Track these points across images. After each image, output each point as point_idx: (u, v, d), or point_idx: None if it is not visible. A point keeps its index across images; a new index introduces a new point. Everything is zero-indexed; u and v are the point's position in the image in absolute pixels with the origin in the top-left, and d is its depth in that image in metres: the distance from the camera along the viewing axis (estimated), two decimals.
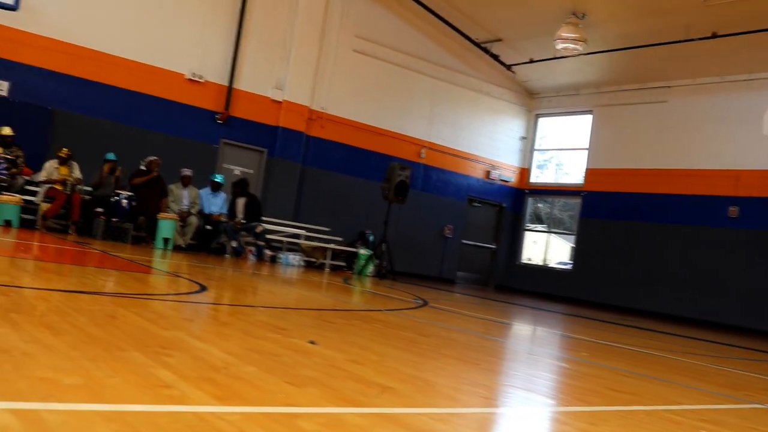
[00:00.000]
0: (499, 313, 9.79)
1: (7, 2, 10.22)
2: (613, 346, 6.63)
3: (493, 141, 20.50)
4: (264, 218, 14.59)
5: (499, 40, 18.79)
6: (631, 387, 3.79)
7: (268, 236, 14.37)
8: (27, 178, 12.96)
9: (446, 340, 4.97)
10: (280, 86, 16.44)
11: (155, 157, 13.44)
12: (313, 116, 16.98)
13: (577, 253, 19.75)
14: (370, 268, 14.66)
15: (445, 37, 18.89)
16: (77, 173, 12.84)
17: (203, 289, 5.63)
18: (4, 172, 12.17)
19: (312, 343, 3.45)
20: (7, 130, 12.63)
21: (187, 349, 2.76)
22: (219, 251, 14.06)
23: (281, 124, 16.45)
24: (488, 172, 20.41)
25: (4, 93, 13.68)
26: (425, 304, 8.33)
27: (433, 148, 19.12)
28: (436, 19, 18.15)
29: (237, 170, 16.05)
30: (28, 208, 12.38)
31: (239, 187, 14.32)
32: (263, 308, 5.06)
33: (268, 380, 2.38)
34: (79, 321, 2.99)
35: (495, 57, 19.34)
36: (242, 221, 13.91)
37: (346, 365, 3.01)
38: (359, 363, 3.13)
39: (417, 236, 18.61)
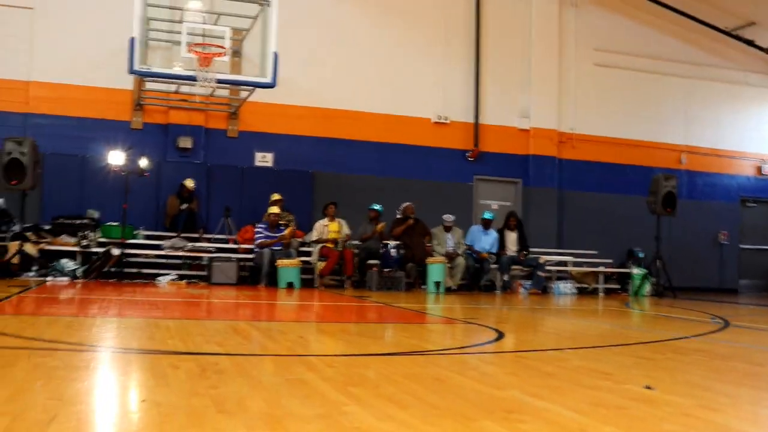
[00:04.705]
0: None
1: (267, 81, 10.94)
2: None
3: (760, 133, 18.83)
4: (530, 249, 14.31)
5: (752, 23, 17.37)
6: None
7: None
8: (300, 240, 13.71)
9: None
10: (525, 114, 16.24)
11: (409, 203, 13.64)
12: (563, 138, 16.60)
13: None
14: (647, 288, 13.89)
15: (691, 33, 17.76)
16: (346, 229, 13.36)
17: (500, 335, 5.50)
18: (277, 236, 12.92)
19: (648, 388, 3.18)
20: (276, 196, 13.42)
21: (532, 412, 2.61)
22: (488, 288, 13.96)
23: (532, 152, 16.25)
24: (759, 168, 18.78)
25: (269, 164, 14.68)
26: (727, 323, 7.64)
27: (693, 151, 17.93)
28: (677, 16, 17.12)
29: (494, 204, 15.99)
30: (305, 268, 13.04)
31: (515, 219, 14.11)
32: (571, 350, 4.81)
33: None
34: (414, 389, 2.94)
35: (750, 42, 17.84)
36: (524, 253, 13.77)
37: (702, 413, 2.72)
38: (714, 409, 2.82)
39: (690, 247, 17.40)
